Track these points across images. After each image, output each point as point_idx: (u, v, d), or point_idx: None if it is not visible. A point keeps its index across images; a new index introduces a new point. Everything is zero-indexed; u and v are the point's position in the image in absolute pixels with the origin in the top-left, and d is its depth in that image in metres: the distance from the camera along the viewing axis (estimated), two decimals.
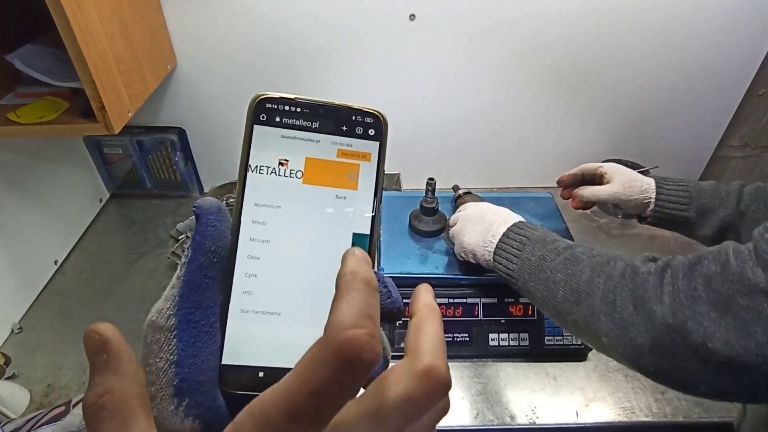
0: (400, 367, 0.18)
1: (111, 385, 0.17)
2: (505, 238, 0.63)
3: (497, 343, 0.75)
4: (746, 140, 1.13)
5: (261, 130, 0.23)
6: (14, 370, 0.75)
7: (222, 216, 0.21)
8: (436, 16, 0.91)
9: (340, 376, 0.15)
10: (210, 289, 0.21)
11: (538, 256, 0.58)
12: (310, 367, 0.15)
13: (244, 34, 0.93)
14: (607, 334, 0.48)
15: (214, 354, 0.21)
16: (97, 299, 0.89)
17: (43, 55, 0.75)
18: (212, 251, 0.21)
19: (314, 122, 0.23)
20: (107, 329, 0.18)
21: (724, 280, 0.42)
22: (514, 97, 1.02)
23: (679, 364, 0.43)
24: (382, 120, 0.24)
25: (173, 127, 1.06)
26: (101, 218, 1.09)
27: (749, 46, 0.96)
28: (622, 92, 1.02)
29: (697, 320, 0.42)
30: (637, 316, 0.46)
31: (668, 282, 0.45)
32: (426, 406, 0.18)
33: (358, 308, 0.16)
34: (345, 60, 0.96)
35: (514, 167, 1.14)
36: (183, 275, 0.20)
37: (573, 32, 0.93)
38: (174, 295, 0.20)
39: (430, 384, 0.17)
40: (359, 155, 0.23)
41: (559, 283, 0.54)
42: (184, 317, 0.20)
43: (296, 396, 0.15)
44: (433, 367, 0.18)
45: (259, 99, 0.23)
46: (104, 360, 0.17)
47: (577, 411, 0.69)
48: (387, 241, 0.82)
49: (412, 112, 1.04)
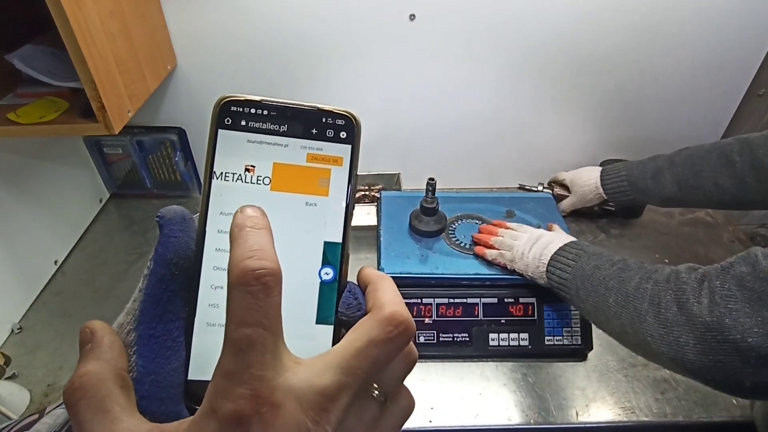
0: (364, 320, 0.19)
1: (89, 368, 0.18)
2: (561, 251, 0.68)
3: (497, 343, 0.75)
4: None
5: (226, 135, 0.22)
6: (14, 370, 0.75)
7: (186, 226, 0.21)
8: (436, 16, 0.91)
9: (249, 301, 0.16)
10: (172, 302, 0.20)
11: (593, 265, 0.62)
12: (228, 308, 0.16)
13: (244, 34, 0.92)
14: (653, 335, 0.51)
15: (177, 370, 0.20)
16: (97, 299, 0.89)
17: (43, 55, 0.75)
18: (174, 263, 0.20)
19: (282, 125, 0.22)
20: (96, 323, 0.19)
21: (756, 279, 0.44)
22: (514, 96, 1.02)
23: (721, 360, 0.45)
24: (355, 122, 0.22)
25: (173, 127, 1.06)
26: (101, 218, 1.09)
27: (749, 46, 0.96)
28: (622, 92, 1.02)
29: (733, 317, 0.44)
30: (681, 316, 0.49)
31: (705, 285, 0.48)
32: (393, 350, 0.18)
33: (248, 245, 0.17)
34: (345, 60, 0.96)
35: (514, 167, 1.14)
36: (144, 288, 0.20)
37: (573, 32, 0.93)
38: (134, 309, 0.20)
39: (394, 327, 0.18)
40: (330, 159, 0.22)
41: (611, 289, 0.58)
42: (144, 332, 0.19)
43: (228, 334, 0.16)
44: (394, 312, 0.19)
45: (224, 102, 0.22)
46: (88, 349, 0.18)
47: (577, 411, 0.69)
48: (387, 241, 0.82)
49: (412, 112, 1.04)
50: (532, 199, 0.92)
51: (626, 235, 1.02)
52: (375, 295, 0.20)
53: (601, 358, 0.76)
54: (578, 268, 0.63)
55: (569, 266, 0.65)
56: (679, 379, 0.73)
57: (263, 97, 0.22)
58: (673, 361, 0.49)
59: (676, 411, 0.69)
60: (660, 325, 0.50)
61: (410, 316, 0.19)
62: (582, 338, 0.75)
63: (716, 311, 0.45)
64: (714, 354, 0.45)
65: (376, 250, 0.83)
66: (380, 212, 0.89)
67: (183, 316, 0.20)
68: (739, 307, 0.44)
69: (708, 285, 0.48)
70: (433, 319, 0.75)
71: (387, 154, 1.09)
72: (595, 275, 0.61)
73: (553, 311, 0.75)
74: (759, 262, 0.45)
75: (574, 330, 0.75)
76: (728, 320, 0.44)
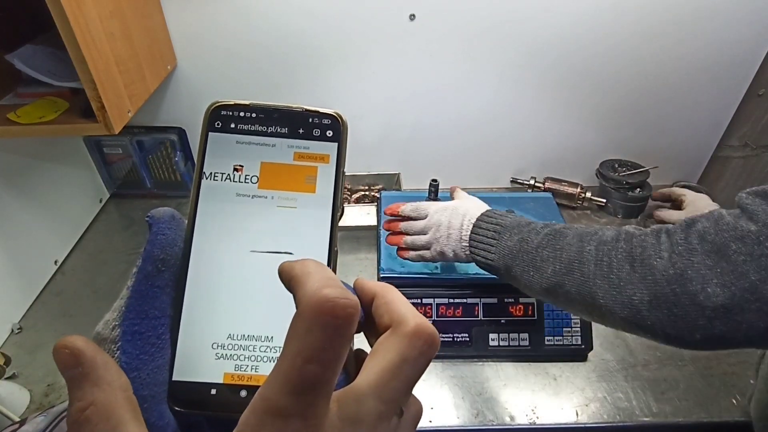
0: (386, 338, 0.18)
1: (93, 397, 0.16)
2: (477, 228, 0.63)
3: (497, 343, 0.75)
4: (746, 140, 1.13)
5: (216, 137, 0.23)
6: (14, 370, 0.75)
7: (174, 224, 0.21)
8: (436, 16, 0.91)
9: (328, 335, 0.14)
10: (158, 299, 0.20)
11: (517, 240, 0.59)
12: (294, 340, 0.15)
13: (244, 34, 0.92)
14: (604, 297, 0.50)
15: (161, 368, 0.20)
16: (97, 299, 0.89)
17: (43, 55, 0.75)
18: (161, 259, 0.20)
19: (270, 127, 0.23)
20: (76, 340, 0.17)
21: (718, 231, 0.45)
22: (514, 96, 1.02)
23: (676, 314, 0.45)
24: (341, 121, 0.23)
25: (173, 127, 1.06)
26: (101, 218, 1.09)
27: (749, 46, 0.96)
28: (622, 92, 1.02)
29: (695, 269, 0.45)
30: (634, 273, 0.48)
31: (665, 240, 0.48)
32: (424, 365, 0.17)
33: (320, 276, 0.16)
34: (345, 60, 0.96)
35: (514, 167, 1.14)
36: (131, 285, 0.20)
37: (573, 32, 0.93)
38: (121, 306, 0.19)
39: (424, 342, 0.17)
40: (317, 157, 0.23)
41: (546, 259, 0.55)
42: (129, 328, 0.19)
43: (291, 371, 0.14)
44: (420, 326, 0.18)
45: (214, 107, 0.23)
46: (80, 372, 0.17)
47: (577, 411, 0.69)
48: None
49: (412, 112, 1.04)
50: (532, 199, 0.92)
51: None
52: (389, 309, 0.19)
53: (601, 358, 0.76)
54: (502, 246, 0.59)
55: (492, 245, 0.61)
56: (679, 378, 0.73)
57: (252, 101, 0.23)
58: (625, 320, 0.49)
59: (676, 411, 0.69)
60: (610, 286, 0.49)
61: (432, 325, 0.18)
62: (582, 338, 0.75)
63: (679, 263, 0.46)
64: (669, 308, 0.45)
65: (376, 250, 0.83)
66: (380, 212, 0.89)
67: (169, 314, 0.20)
68: (700, 259, 0.45)
69: (668, 240, 0.48)
70: (433, 320, 0.75)
71: (387, 154, 1.09)
72: (523, 249, 0.57)
73: (553, 311, 0.75)
74: (723, 217, 0.46)
75: (574, 330, 0.75)
76: (690, 272, 0.45)
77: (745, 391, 0.71)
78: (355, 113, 1.03)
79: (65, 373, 0.17)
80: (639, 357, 0.76)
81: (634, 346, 0.78)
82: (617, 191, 1.04)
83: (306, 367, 0.14)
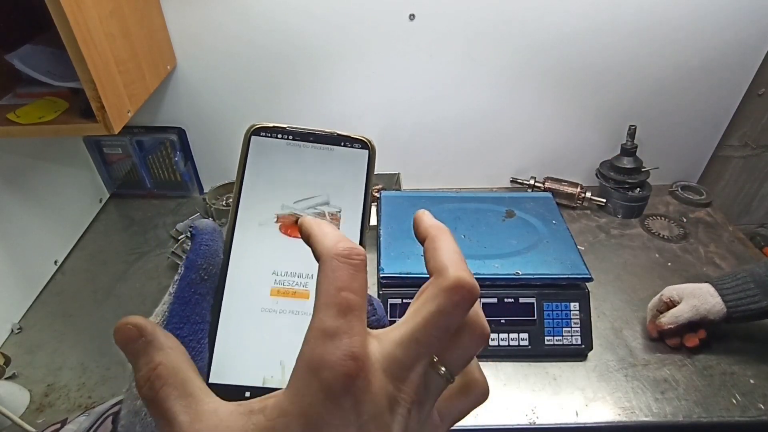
0: (428, 287, 0.19)
1: (160, 358, 0.18)
2: (723, 284, 0.74)
3: (497, 343, 0.75)
4: (746, 140, 1.13)
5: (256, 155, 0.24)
6: (14, 370, 0.75)
7: (216, 236, 0.22)
8: (436, 16, 0.91)
9: (350, 271, 0.18)
10: (199, 305, 0.21)
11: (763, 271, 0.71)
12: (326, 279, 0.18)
13: (244, 34, 0.92)
14: None
15: (200, 371, 0.21)
16: (97, 299, 0.89)
17: (42, 55, 0.75)
18: (203, 268, 0.21)
19: None
20: (137, 319, 0.19)
21: None
22: (514, 96, 1.02)
23: None
24: (370, 146, 0.24)
25: (173, 127, 1.06)
26: (101, 218, 1.09)
27: (749, 46, 0.96)
28: (622, 92, 1.02)
29: None
30: None
31: None
32: (460, 316, 0.19)
33: (336, 234, 0.19)
34: (345, 60, 0.96)
35: (514, 167, 1.14)
36: (174, 292, 0.21)
37: (573, 32, 0.93)
38: (164, 311, 0.21)
39: (460, 296, 0.18)
40: None
41: None
42: (171, 332, 0.20)
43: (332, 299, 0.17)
44: (459, 278, 0.19)
45: (254, 128, 0.24)
46: (144, 342, 0.18)
47: (577, 411, 0.69)
48: (387, 241, 0.82)
49: (412, 112, 1.04)
50: (532, 199, 0.92)
51: (626, 235, 1.02)
52: (434, 255, 0.20)
53: (601, 358, 0.76)
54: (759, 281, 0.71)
55: (744, 283, 0.72)
56: (679, 379, 0.73)
57: (289, 125, 0.24)
58: None
59: (676, 411, 0.69)
60: None
61: (472, 275, 0.19)
62: (582, 338, 0.75)
63: None
64: None
65: (376, 250, 0.83)
66: (380, 212, 0.89)
67: (208, 320, 0.22)
68: None
69: None
70: None
71: (387, 154, 1.09)
72: None
73: (553, 311, 0.75)
74: None
75: (574, 330, 0.75)
76: None
77: (745, 391, 0.71)
78: (355, 113, 1.03)
79: (129, 347, 0.18)
80: (639, 357, 0.76)
81: (634, 346, 0.78)
82: (617, 191, 1.04)
83: (341, 294, 0.17)
